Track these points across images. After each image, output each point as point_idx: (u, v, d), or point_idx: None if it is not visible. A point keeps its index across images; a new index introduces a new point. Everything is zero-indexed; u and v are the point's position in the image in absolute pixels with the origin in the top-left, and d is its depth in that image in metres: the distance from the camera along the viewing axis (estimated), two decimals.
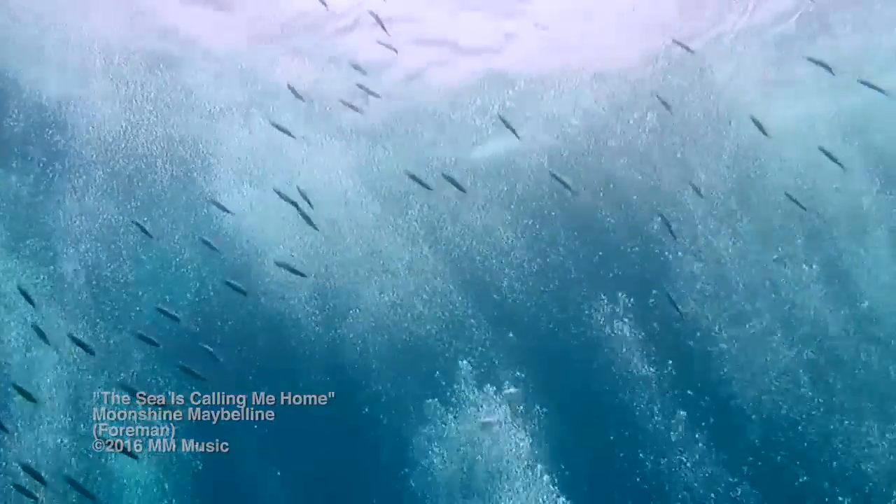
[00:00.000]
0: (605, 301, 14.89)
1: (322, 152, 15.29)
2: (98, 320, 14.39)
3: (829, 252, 15.10)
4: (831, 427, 13.85)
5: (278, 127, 11.68)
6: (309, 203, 11.49)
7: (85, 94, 14.88)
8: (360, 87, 13.02)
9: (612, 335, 14.72)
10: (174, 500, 13.99)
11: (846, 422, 13.86)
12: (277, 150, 14.78)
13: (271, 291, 14.90)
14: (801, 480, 13.64)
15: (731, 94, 15.00)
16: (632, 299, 14.77)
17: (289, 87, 12.74)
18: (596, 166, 15.57)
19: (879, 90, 11.78)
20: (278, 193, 11.57)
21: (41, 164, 14.95)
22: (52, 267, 14.52)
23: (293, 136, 12.17)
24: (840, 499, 13.34)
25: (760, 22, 15.04)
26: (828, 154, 11.60)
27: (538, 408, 14.29)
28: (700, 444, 13.86)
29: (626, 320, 14.68)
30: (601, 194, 15.57)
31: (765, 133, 11.65)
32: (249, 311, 14.96)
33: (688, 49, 11.59)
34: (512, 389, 14.63)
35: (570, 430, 14.08)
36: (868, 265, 15.03)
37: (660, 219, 14.45)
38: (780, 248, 14.89)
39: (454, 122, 16.04)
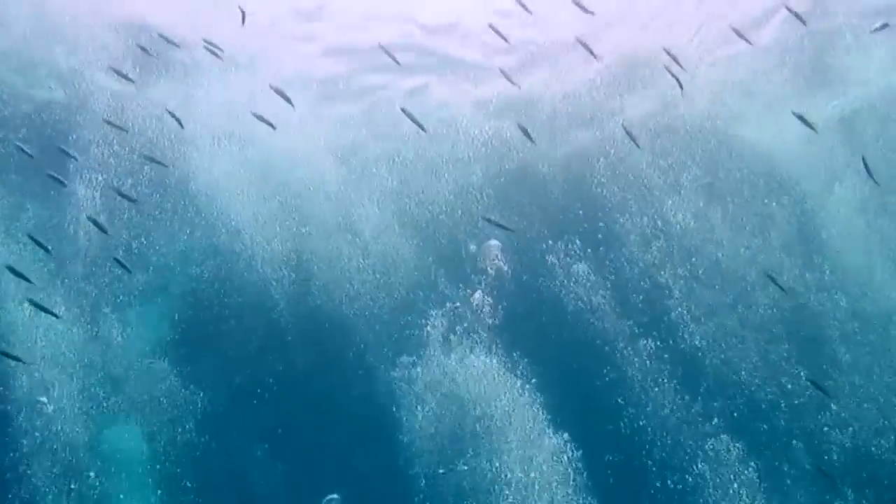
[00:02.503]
0: (569, 260, 15.52)
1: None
2: None
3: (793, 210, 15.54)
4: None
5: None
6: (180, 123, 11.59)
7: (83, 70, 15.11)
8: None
9: (576, 290, 15.41)
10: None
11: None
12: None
13: (246, 256, 15.54)
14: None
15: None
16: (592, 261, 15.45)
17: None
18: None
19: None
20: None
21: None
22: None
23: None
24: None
25: None
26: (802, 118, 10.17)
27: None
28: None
29: (585, 272, 15.35)
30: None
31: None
32: (228, 276, 15.72)
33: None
34: (493, 242, 15.43)
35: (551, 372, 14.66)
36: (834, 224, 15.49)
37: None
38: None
39: None
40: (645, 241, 15.35)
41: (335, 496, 14.43)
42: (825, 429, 13.90)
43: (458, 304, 15.26)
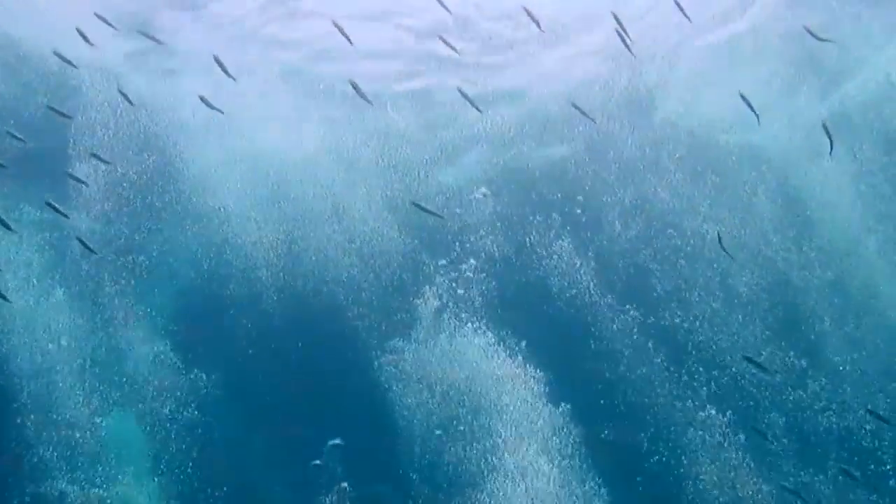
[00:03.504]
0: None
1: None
2: None
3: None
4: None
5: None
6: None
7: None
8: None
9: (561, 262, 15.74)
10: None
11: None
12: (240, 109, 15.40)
13: (238, 245, 15.89)
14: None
15: None
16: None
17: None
18: None
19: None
20: None
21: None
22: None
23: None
24: None
25: None
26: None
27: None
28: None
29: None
30: None
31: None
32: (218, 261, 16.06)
33: None
34: (482, 191, 15.79)
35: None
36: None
37: None
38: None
39: None
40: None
41: (338, 441, 14.73)
42: (807, 403, 14.05)
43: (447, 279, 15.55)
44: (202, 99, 10.69)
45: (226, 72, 10.24)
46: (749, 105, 9.05)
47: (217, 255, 15.95)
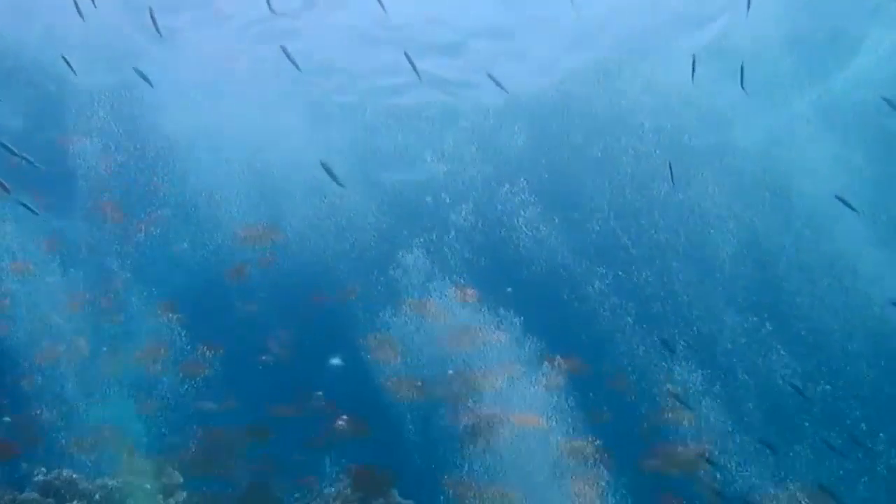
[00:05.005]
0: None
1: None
2: None
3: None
4: None
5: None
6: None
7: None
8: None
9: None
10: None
11: None
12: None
13: (227, 225, 16.28)
14: None
15: None
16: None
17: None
18: None
19: None
20: None
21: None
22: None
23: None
24: None
25: None
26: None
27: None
28: None
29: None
30: None
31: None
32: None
33: None
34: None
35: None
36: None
37: None
38: None
39: None
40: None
41: (338, 360, 14.87)
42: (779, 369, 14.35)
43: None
44: (136, 71, 10.60)
45: (157, 30, 10.18)
46: (693, 66, 9.42)
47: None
